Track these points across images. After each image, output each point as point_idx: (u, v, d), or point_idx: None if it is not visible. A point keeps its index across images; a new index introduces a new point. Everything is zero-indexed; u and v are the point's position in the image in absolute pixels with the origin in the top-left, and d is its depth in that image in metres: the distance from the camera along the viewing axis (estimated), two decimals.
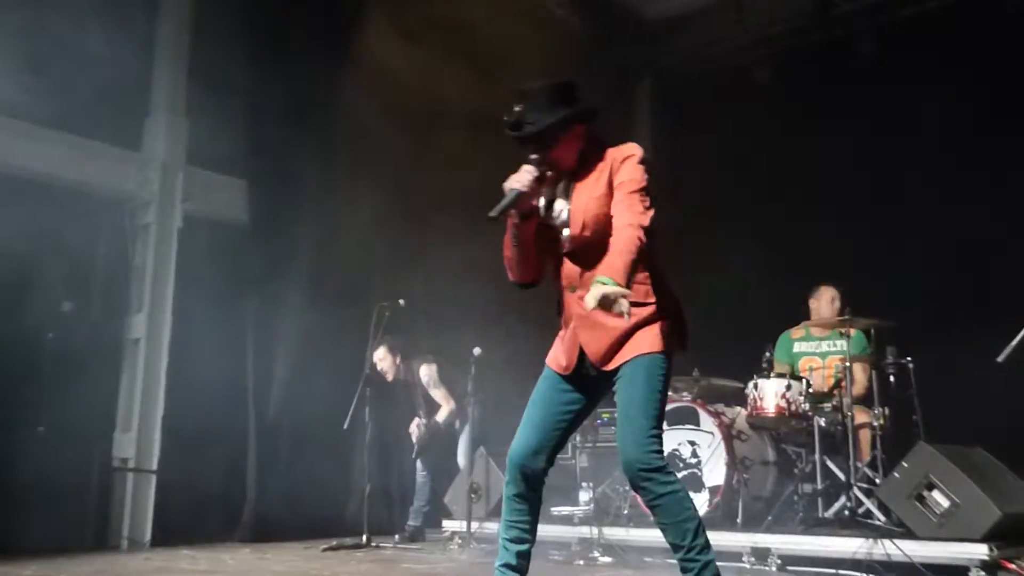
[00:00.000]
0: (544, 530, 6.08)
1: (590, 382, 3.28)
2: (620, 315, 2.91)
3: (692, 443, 5.77)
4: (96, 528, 6.64)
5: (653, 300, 3.16)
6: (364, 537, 6.48)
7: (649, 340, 3.13)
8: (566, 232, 3.21)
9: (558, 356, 3.32)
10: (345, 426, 6.63)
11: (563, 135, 3.20)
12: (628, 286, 2.92)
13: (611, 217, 3.12)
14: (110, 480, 6.82)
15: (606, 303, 2.87)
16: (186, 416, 6.97)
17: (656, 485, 3.04)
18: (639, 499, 5.73)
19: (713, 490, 5.59)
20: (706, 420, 5.77)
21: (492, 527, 6.26)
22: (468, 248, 7.62)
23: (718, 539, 5.29)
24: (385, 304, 6.81)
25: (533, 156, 3.20)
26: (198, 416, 6.94)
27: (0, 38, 5.82)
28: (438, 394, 7.01)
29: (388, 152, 7.78)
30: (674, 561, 4.57)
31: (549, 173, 3.22)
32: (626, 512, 6.06)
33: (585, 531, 5.83)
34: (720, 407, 6.06)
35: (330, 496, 7.66)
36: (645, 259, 3.07)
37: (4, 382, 6.26)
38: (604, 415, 7.21)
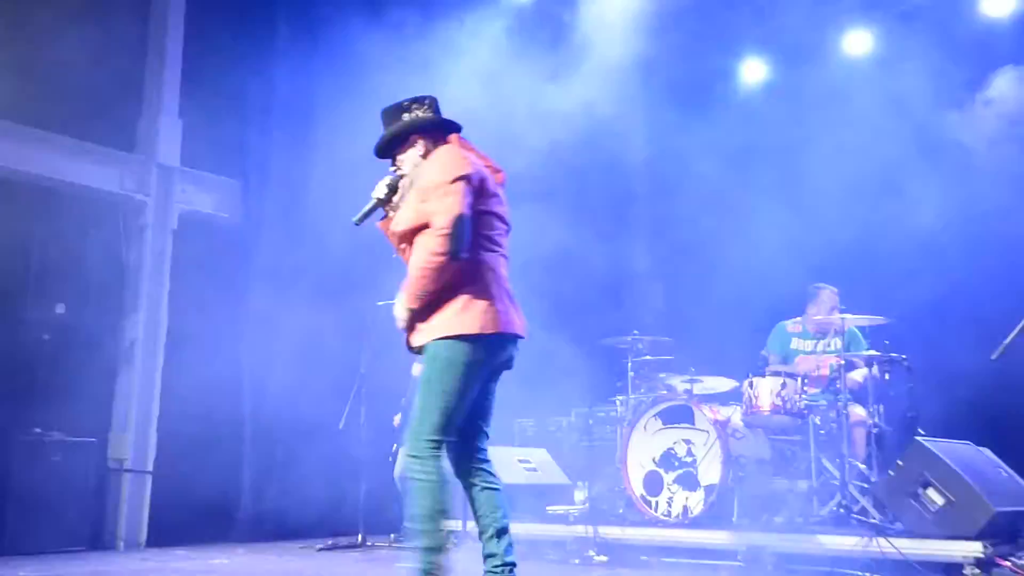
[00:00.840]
0: (539, 529, 6.13)
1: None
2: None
3: (687, 441, 5.76)
4: (92, 529, 6.63)
5: (453, 287, 3.33)
6: (359, 537, 6.49)
7: (434, 327, 3.35)
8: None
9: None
10: (340, 426, 6.63)
11: (399, 147, 3.60)
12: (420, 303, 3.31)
13: (419, 225, 3.36)
14: (106, 481, 6.82)
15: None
16: (182, 417, 6.97)
17: (413, 468, 3.36)
18: (635, 498, 5.78)
19: (709, 488, 5.58)
20: (701, 418, 5.76)
21: None
22: None
23: (713, 538, 5.35)
24: (381, 303, 6.80)
25: (391, 167, 3.62)
26: (194, 417, 6.94)
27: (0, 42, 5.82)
28: None
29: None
30: (671, 560, 4.57)
31: (402, 182, 3.55)
32: (621, 511, 6.06)
33: (580, 530, 5.82)
34: (715, 405, 6.05)
35: (325, 496, 7.65)
36: (446, 273, 3.29)
37: (1, 383, 6.26)
38: (599, 413, 7.23)
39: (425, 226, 3.32)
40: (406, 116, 3.60)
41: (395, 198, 3.56)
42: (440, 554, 3.33)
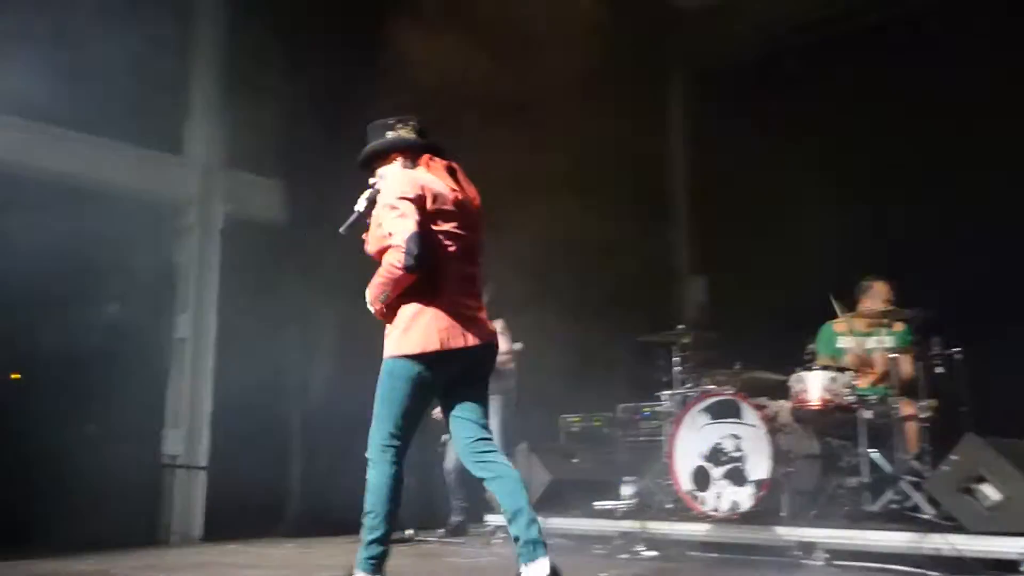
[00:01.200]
0: (586, 524, 6.14)
1: None
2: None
3: (735, 436, 5.72)
4: (147, 523, 6.77)
5: (401, 308, 3.75)
6: (407, 531, 6.53)
7: (387, 346, 3.79)
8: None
9: None
10: None
11: (375, 163, 3.93)
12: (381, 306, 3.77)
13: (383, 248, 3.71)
14: (160, 476, 6.95)
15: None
16: (233, 414, 7.08)
17: (369, 464, 3.86)
18: (682, 493, 5.76)
19: (757, 484, 5.54)
20: (749, 413, 5.72)
21: None
22: (507, 242, 7.65)
23: (763, 534, 5.32)
24: None
25: (371, 181, 3.92)
26: (244, 414, 7.05)
27: (40, 46, 5.93)
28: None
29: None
30: (720, 556, 4.57)
31: (378, 196, 3.83)
32: (669, 506, 6.04)
33: (627, 525, 5.82)
34: (763, 400, 6.01)
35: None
36: (403, 283, 3.66)
37: (56, 383, 6.40)
38: (645, 409, 7.22)
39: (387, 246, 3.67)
40: (390, 134, 3.93)
41: (374, 211, 3.82)
42: (382, 546, 3.76)
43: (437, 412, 7.01)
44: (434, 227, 3.72)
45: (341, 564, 5.27)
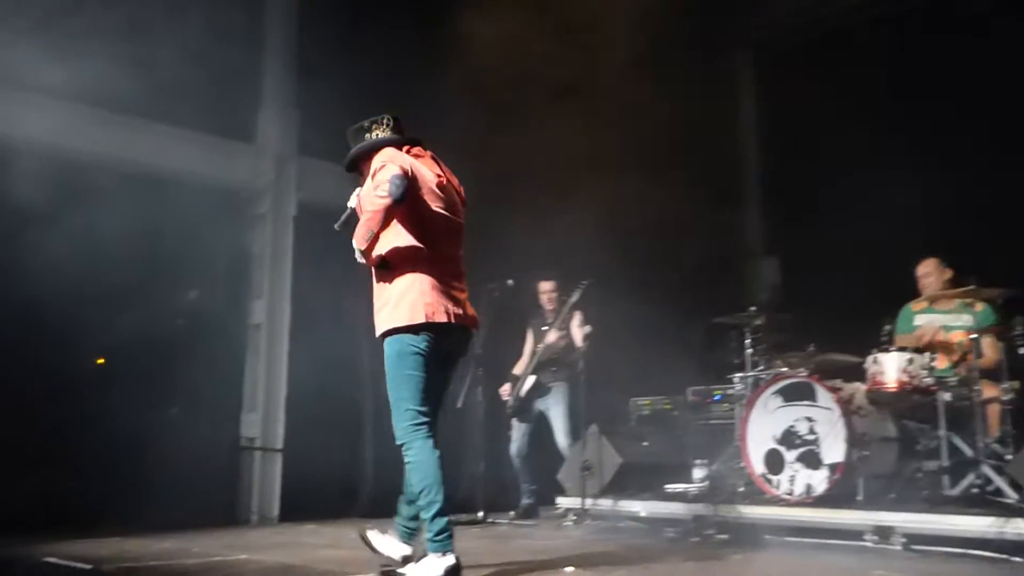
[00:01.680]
0: (658, 507, 6.12)
1: None
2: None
3: (809, 419, 5.64)
4: (227, 504, 6.95)
5: (394, 286, 3.87)
6: (479, 514, 6.60)
7: (380, 324, 3.90)
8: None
9: None
10: (459, 405, 6.75)
11: (362, 163, 4.12)
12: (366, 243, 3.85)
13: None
14: (238, 458, 7.13)
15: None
16: (307, 397, 7.22)
17: (403, 452, 3.94)
18: (755, 476, 5.70)
19: (832, 467, 5.45)
20: (823, 395, 5.63)
21: (606, 504, 6.29)
22: (576, 223, 7.64)
23: (838, 517, 5.24)
24: (492, 285, 6.88)
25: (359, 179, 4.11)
26: (319, 397, 7.19)
27: (117, 38, 6.08)
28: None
29: (488, 132, 7.84)
30: (795, 540, 4.54)
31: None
32: (741, 489, 5.99)
33: (700, 508, 5.78)
34: (838, 382, 5.90)
35: (445, 473, 7.80)
36: (389, 217, 3.78)
37: (139, 367, 6.61)
38: (716, 392, 7.15)
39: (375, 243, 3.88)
40: (368, 136, 4.17)
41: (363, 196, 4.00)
42: (445, 517, 3.79)
43: (505, 390, 7.10)
44: (422, 205, 3.89)
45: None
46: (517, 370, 7.24)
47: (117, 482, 6.09)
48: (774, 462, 5.72)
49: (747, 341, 6.43)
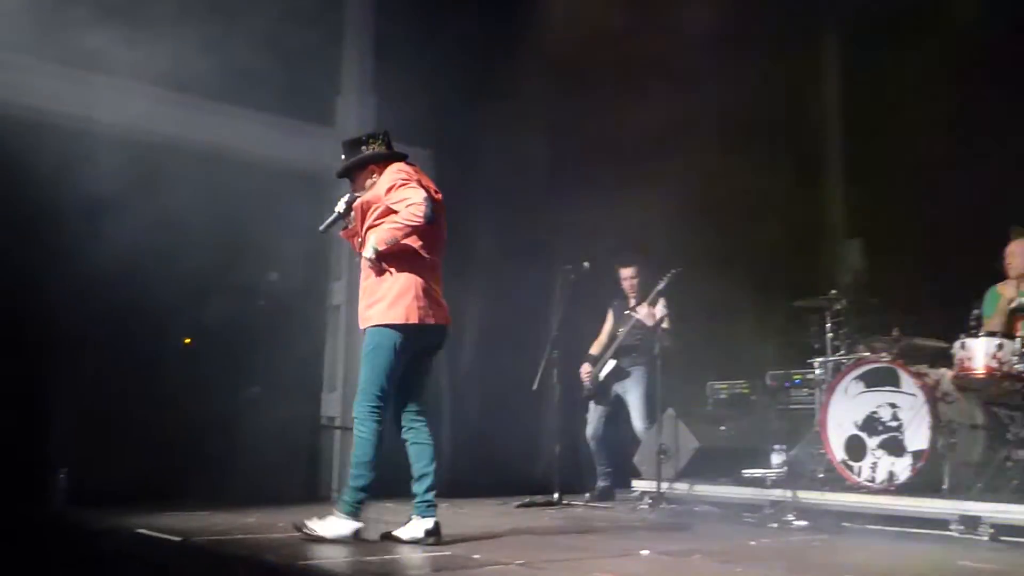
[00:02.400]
0: (735, 492, 6.07)
1: None
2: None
3: (892, 405, 5.51)
4: (307, 481, 7.12)
5: (387, 287, 4.31)
6: (555, 495, 6.62)
7: (372, 316, 4.34)
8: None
9: None
10: (534, 387, 6.77)
11: (355, 173, 4.53)
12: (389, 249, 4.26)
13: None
14: (318, 437, 7.28)
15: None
16: None
17: (354, 424, 4.35)
18: (835, 462, 5.61)
19: (916, 454, 5.33)
20: (907, 381, 5.49)
21: (682, 488, 6.25)
22: (654, 203, 7.58)
23: (922, 505, 5.12)
24: (569, 267, 6.88)
25: (351, 186, 4.57)
26: None
27: (198, 24, 6.22)
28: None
29: (567, 112, 7.83)
30: (876, 528, 4.48)
31: (358, 202, 4.47)
32: (821, 476, 5.89)
33: (778, 494, 5.71)
34: (923, 368, 5.75)
35: (520, 455, 7.86)
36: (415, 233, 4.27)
37: (224, 348, 6.79)
38: (795, 376, 7.04)
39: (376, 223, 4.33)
40: (364, 149, 4.52)
41: (351, 214, 4.50)
42: (365, 493, 4.37)
43: (584, 370, 7.10)
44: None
45: (491, 523, 5.42)
46: (595, 350, 7.23)
47: (203, 459, 6.27)
48: (855, 448, 5.61)
49: (828, 325, 6.31)
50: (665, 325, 6.66)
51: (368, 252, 4.28)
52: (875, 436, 5.54)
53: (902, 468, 5.38)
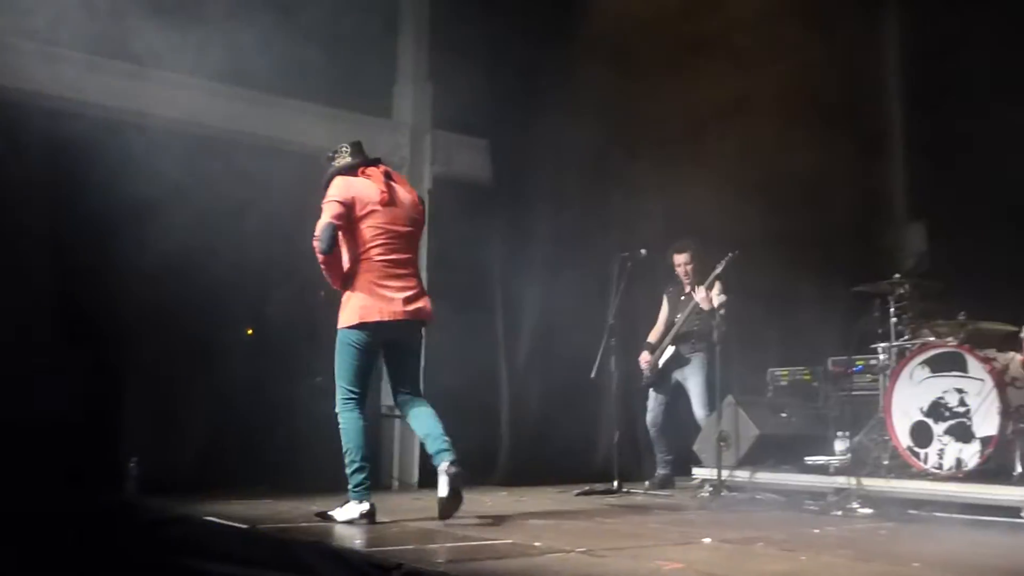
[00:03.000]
0: (797, 479, 6.00)
1: None
2: None
3: (959, 391, 5.40)
4: (370, 470, 7.17)
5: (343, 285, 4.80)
6: (615, 483, 6.62)
7: (339, 320, 4.81)
8: None
9: None
10: (592, 375, 6.77)
11: (326, 188, 4.86)
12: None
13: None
14: (379, 426, 7.36)
15: None
16: (443, 367, 7.38)
17: (339, 420, 4.76)
18: (901, 449, 5.52)
19: (985, 441, 5.21)
20: (975, 366, 5.37)
21: (743, 475, 6.21)
22: (710, 195, 7.50)
23: (991, 493, 5.02)
24: (625, 254, 6.85)
25: None
26: (454, 367, 7.33)
27: (256, 17, 6.29)
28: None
29: (624, 97, 7.78)
30: (944, 515, 4.40)
31: None
32: (886, 463, 5.80)
33: (841, 481, 5.64)
34: (991, 352, 5.62)
35: (579, 443, 7.87)
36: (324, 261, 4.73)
37: (285, 338, 6.89)
38: (859, 362, 6.93)
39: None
40: (333, 164, 4.93)
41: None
42: (363, 475, 4.70)
43: (643, 358, 7.08)
44: (361, 224, 4.73)
45: (551, 511, 5.44)
46: (652, 338, 7.20)
47: (267, 448, 6.37)
48: (921, 435, 5.51)
49: (891, 310, 6.19)
50: (722, 311, 6.60)
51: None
52: (942, 422, 5.44)
53: (970, 455, 5.27)
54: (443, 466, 4.61)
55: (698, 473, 6.59)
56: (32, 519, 4.72)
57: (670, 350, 6.99)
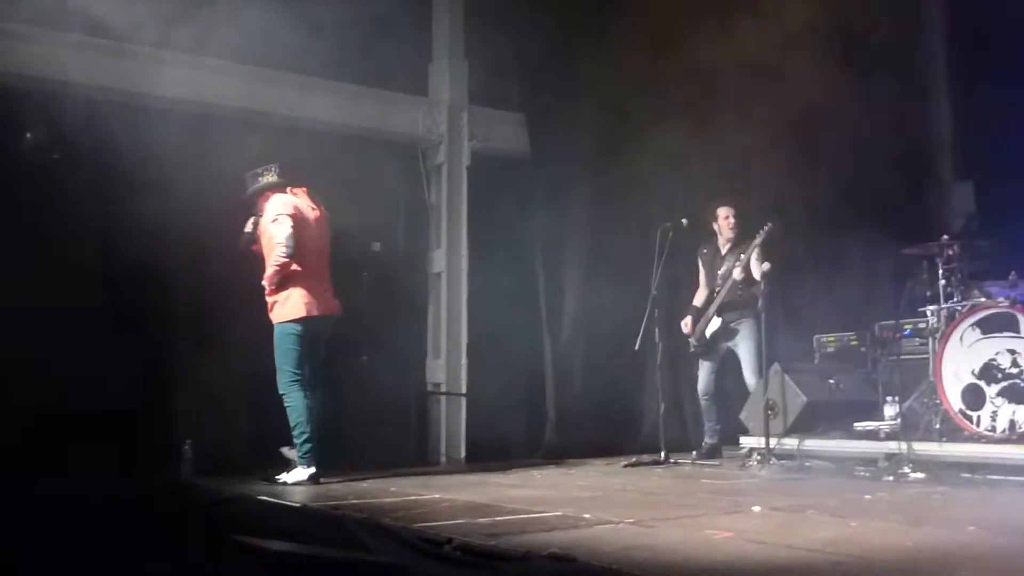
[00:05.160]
0: (847, 446, 5.96)
1: None
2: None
3: (1012, 351, 5.30)
4: (416, 447, 7.27)
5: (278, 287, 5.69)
6: (662, 454, 6.62)
7: (274, 315, 5.73)
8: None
9: None
10: (636, 347, 6.76)
11: (255, 199, 5.83)
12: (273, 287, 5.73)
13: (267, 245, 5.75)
14: (426, 403, 7.43)
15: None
16: (488, 342, 7.43)
17: (284, 400, 5.63)
18: (952, 412, 5.44)
19: None
20: None
21: (791, 444, 6.17)
22: (752, 159, 7.41)
23: None
24: (668, 224, 6.81)
25: (253, 212, 5.86)
26: (498, 342, 7.38)
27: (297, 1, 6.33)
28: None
29: (659, 70, 7.70)
30: (998, 478, 4.34)
31: (259, 219, 5.81)
32: (937, 427, 5.73)
33: (892, 446, 5.58)
34: None
35: (625, 415, 7.87)
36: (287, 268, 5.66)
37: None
38: (907, 326, 6.84)
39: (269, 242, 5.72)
40: (261, 179, 5.81)
41: (257, 233, 5.82)
42: (311, 443, 5.56)
43: (685, 323, 7.03)
44: (299, 235, 5.62)
45: (599, 484, 5.46)
46: (697, 301, 7.12)
47: (317, 426, 6.44)
48: (974, 398, 5.43)
49: (940, 272, 6.09)
50: (759, 278, 6.52)
51: (265, 282, 5.71)
52: (994, 384, 5.35)
53: None
54: (312, 470, 5.54)
55: (746, 442, 6.56)
56: (92, 502, 4.84)
57: (716, 321, 6.93)
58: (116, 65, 6.26)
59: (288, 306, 5.64)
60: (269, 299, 5.74)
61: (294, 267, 5.65)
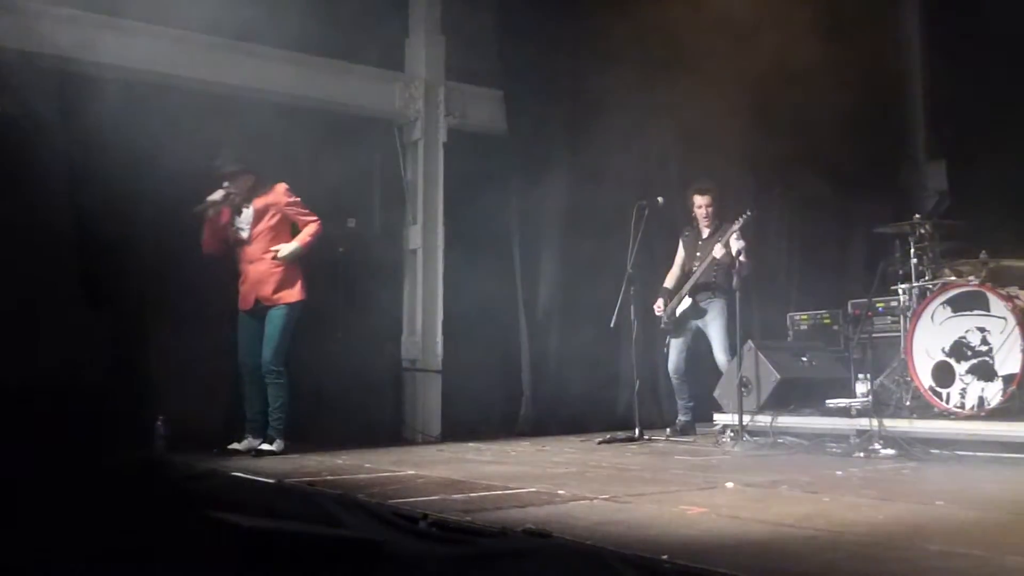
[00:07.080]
0: (820, 422, 6.02)
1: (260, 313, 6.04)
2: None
3: (981, 329, 5.37)
4: (391, 423, 7.27)
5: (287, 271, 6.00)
6: (636, 431, 6.66)
7: (288, 295, 6.02)
8: (246, 232, 6.05)
9: (242, 301, 6.11)
10: (611, 324, 6.78)
11: (238, 175, 5.94)
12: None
13: (272, 229, 6.06)
14: (401, 380, 7.42)
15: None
16: (463, 319, 7.42)
17: (272, 378, 5.94)
18: (923, 389, 5.51)
19: (1007, 379, 5.20)
20: (997, 304, 5.34)
21: (764, 420, 6.23)
22: (728, 139, 7.42)
23: (1014, 430, 5.02)
24: (644, 202, 6.82)
25: (224, 183, 5.92)
26: (474, 319, 7.37)
27: None
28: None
29: (638, 49, 7.69)
30: (967, 454, 4.40)
31: (232, 195, 5.94)
32: (908, 404, 5.80)
33: (863, 423, 5.65)
34: (1013, 290, 5.58)
35: (600, 392, 7.91)
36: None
37: (308, 295, 6.91)
38: (879, 305, 6.91)
39: (277, 225, 6.06)
40: (241, 161, 5.96)
41: (230, 204, 5.96)
42: (285, 413, 5.93)
43: (657, 305, 7.06)
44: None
45: (574, 460, 5.49)
46: (668, 283, 7.17)
47: (296, 402, 6.42)
48: (943, 375, 5.50)
49: (912, 250, 6.14)
50: (743, 258, 6.54)
51: (283, 254, 5.94)
52: (964, 361, 5.42)
53: (993, 393, 5.26)
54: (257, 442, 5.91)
55: (719, 419, 6.61)
56: (65, 478, 4.80)
57: (687, 301, 6.97)
58: (80, 34, 6.14)
59: (296, 288, 5.99)
60: (273, 272, 5.96)
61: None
